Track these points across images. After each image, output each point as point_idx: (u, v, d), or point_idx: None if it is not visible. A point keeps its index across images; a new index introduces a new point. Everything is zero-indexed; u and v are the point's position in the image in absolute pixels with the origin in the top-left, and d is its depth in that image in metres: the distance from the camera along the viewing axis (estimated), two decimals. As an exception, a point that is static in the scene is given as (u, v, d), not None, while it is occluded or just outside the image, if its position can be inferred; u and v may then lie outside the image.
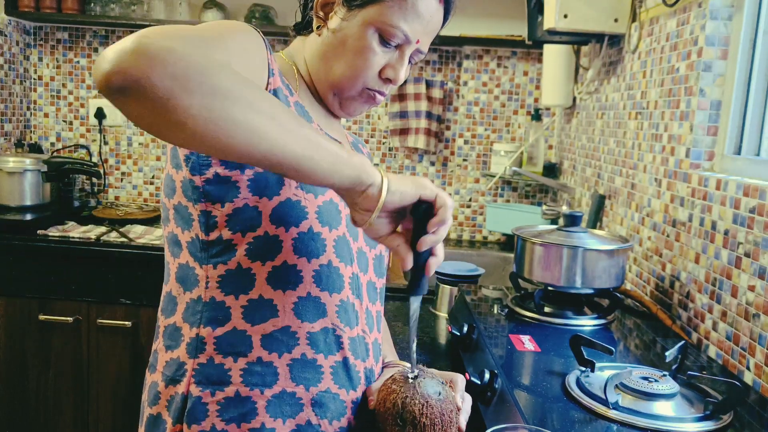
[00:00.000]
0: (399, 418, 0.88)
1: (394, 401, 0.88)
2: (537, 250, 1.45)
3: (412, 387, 0.88)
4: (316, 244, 0.87)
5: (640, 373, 1.02)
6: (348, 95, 0.94)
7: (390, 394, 0.89)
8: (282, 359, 0.86)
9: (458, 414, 0.91)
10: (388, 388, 0.90)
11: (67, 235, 2.26)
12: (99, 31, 2.77)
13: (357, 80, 0.92)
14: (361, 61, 0.90)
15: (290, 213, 0.85)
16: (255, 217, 0.84)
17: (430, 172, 2.83)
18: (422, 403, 0.87)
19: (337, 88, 0.94)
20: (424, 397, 0.87)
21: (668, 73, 1.56)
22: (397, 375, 0.91)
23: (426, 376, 0.90)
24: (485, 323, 1.37)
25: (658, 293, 1.55)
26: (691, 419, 0.94)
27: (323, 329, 0.89)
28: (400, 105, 2.73)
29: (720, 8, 1.38)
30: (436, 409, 0.87)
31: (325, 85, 0.95)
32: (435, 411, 0.87)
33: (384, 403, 0.89)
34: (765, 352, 1.12)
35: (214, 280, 0.86)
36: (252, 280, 0.86)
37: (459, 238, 2.78)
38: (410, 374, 0.90)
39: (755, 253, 1.16)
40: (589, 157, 2.16)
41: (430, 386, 0.89)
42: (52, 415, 2.28)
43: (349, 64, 0.91)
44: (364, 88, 0.93)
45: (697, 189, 1.39)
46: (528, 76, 2.69)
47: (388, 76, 0.92)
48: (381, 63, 0.91)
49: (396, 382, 0.90)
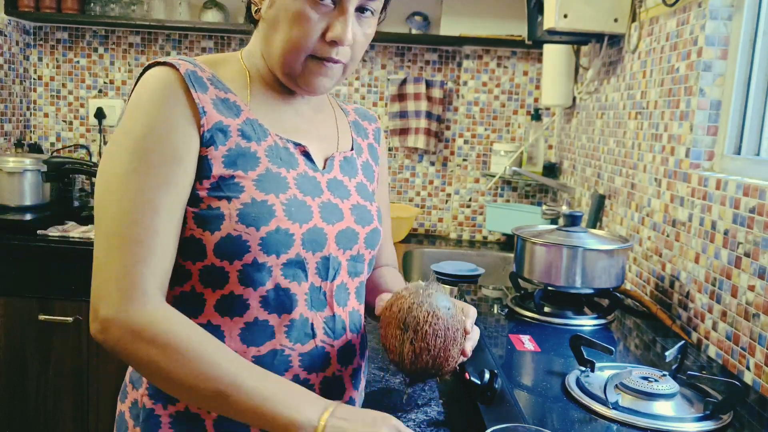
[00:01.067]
0: (402, 322, 0.86)
1: (400, 306, 0.87)
2: (537, 250, 1.45)
3: (421, 295, 0.87)
4: (261, 273, 0.85)
5: (639, 373, 1.02)
6: (296, 69, 0.88)
7: (398, 299, 0.88)
8: None
9: (465, 338, 0.89)
10: (398, 295, 0.89)
11: (67, 235, 2.26)
12: (99, 31, 2.77)
13: (298, 50, 0.86)
14: (297, 29, 0.85)
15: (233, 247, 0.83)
16: (202, 249, 0.84)
17: (430, 171, 2.83)
18: (429, 311, 0.85)
19: (284, 65, 0.88)
20: (432, 307, 0.85)
21: (668, 72, 1.56)
22: (411, 285, 0.90)
23: (439, 291, 0.88)
24: (485, 323, 1.37)
25: (657, 293, 1.55)
26: (691, 419, 0.94)
27: (270, 351, 0.87)
28: (400, 105, 2.73)
29: (720, 8, 1.38)
30: (442, 322, 0.85)
31: (276, 68, 0.90)
32: (440, 323, 0.85)
33: (390, 308, 0.88)
34: (765, 352, 1.12)
35: (168, 301, 0.85)
36: (203, 305, 0.86)
37: (459, 237, 2.78)
38: (423, 283, 0.88)
39: (755, 253, 1.16)
40: (589, 157, 2.16)
41: (440, 299, 0.87)
42: (52, 415, 2.28)
43: (286, 35, 0.86)
44: (309, 56, 0.87)
45: (696, 189, 1.39)
46: (528, 76, 2.69)
47: (332, 38, 0.85)
48: (321, 26, 0.85)
49: (407, 289, 0.89)
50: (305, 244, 0.88)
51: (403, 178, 2.84)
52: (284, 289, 0.87)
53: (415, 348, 0.85)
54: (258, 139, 0.88)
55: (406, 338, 0.85)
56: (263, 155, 0.88)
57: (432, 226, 2.87)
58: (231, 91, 0.90)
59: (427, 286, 0.88)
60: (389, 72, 2.79)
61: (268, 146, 0.89)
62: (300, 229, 0.87)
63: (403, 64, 2.78)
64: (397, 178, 2.84)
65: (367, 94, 2.80)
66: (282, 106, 0.95)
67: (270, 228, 0.84)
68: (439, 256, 2.40)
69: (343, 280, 0.95)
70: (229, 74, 0.92)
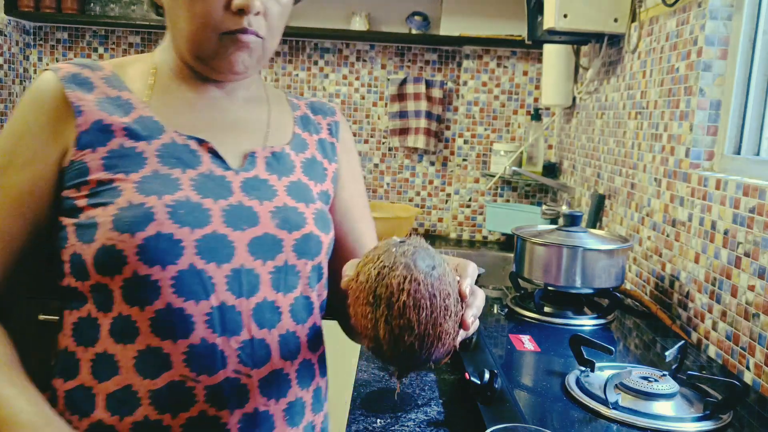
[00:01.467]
0: (372, 294, 0.63)
1: (368, 274, 0.64)
2: (537, 250, 1.45)
3: (394, 254, 0.64)
4: (146, 290, 0.75)
5: (639, 373, 1.02)
6: (207, 50, 0.81)
7: (366, 263, 0.65)
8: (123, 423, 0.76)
9: (462, 306, 0.66)
10: (366, 257, 0.66)
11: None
12: (99, 31, 2.77)
13: (206, 27, 0.79)
14: (199, 4, 0.79)
15: (110, 260, 0.75)
16: (83, 266, 0.77)
17: (429, 171, 2.83)
18: (405, 275, 0.62)
19: (194, 47, 0.82)
20: (409, 269, 0.62)
21: (668, 72, 1.56)
22: (381, 243, 0.68)
23: (419, 247, 0.66)
24: (485, 323, 1.37)
25: (657, 293, 1.55)
26: (691, 419, 0.94)
27: (169, 384, 0.75)
28: (400, 105, 2.73)
29: (719, 8, 1.38)
30: (425, 288, 0.62)
31: (186, 54, 0.83)
32: (423, 290, 0.62)
33: (357, 278, 0.65)
34: (765, 352, 1.12)
35: (69, 327, 0.80)
36: (98, 331, 0.78)
37: (459, 237, 2.78)
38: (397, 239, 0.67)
39: (755, 253, 1.16)
40: (589, 157, 2.16)
41: (421, 257, 0.64)
42: (52, 415, 2.28)
43: (188, 14, 0.79)
44: (220, 34, 0.80)
45: (696, 189, 1.39)
46: (528, 76, 2.69)
47: (238, 5, 0.78)
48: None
49: (377, 249, 0.66)
50: (202, 253, 0.76)
51: (402, 178, 2.84)
52: (177, 309, 0.75)
53: (393, 327, 0.62)
54: (149, 137, 0.80)
55: (380, 315, 0.62)
56: (152, 155, 0.79)
57: (432, 226, 2.87)
58: (127, 89, 0.84)
59: (401, 242, 0.66)
60: (389, 72, 2.79)
61: (162, 144, 0.80)
62: (191, 235, 0.75)
63: (403, 64, 2.78)
64: (397, 178, 2.84)
65: (367, 94, 2.80)
66: (193, 100, 0.86)
67: (148, 234, 0.74)
68: (439, 256, 2.40)
69: (267, 297, 0.80)
70: (136, 73, 0.86)
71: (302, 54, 2.78)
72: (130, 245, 0.74)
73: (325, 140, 0.97)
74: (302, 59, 2.78)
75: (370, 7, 2.74)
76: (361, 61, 2.78)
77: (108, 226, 0.74)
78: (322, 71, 2.78)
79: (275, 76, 2.78)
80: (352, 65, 2.78)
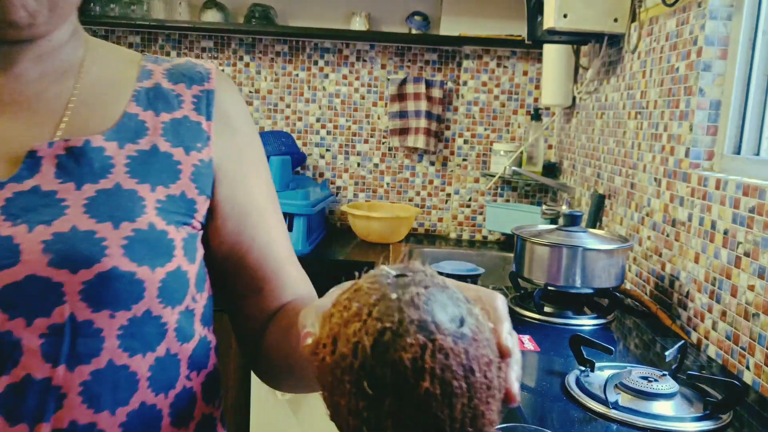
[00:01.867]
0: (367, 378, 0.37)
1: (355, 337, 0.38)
2: (537, 249, 1.45)
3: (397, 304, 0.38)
4: None
5: (639, 373, 1.02)
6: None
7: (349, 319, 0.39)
8: None
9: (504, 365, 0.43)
10: (342, 303, 0.41)
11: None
12: (99, 31, 2.77)
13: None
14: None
15: None
16: None
17: (429, 171, 2.83)
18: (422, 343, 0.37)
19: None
20: (427, 330, 0.37)
21: (668, 72, 1.56)
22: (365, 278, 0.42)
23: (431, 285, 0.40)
24: (485, 323, 1.37)
25: (657, 293, 1.55)
26: (691, 419, 0.94)
27: None
28: (400, 105, 2.73)
29: (719, 8, 1.38)
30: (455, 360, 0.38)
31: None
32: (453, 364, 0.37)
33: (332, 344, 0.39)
34: (765, 352, 1.12)
35: None
36: None
37: (459, 237, 2.78)
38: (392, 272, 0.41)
39: (755, 253, 1.16)
40: (589, 157, 2.16)
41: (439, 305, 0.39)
42: (52, 415, 2.28)
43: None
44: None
45: (696, 189, 1.39)
46: (528, 76, 2.69)
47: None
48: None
49: (359, 290, 0.40)
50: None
51: (402, 177, 2.84)
52: None
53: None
54: None
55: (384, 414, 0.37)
56: None
57: (432, 225, 2.87)
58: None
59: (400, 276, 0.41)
60: (389, 72, 2.79)
61: None
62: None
63: (402, 64, 2.78)
64: (397, 178, 2.84)
65: (367, 93, 2.80)
66: None
67: None
68: (439, 255, 2.40)
69: (32, 375, 0.53)
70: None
71: (302, 54, 2.78)
72: None
73: (186, 119, 0.66)
74: (302, 59, 2.78)
75: (370, 7, 2.74)
76: (361, 61, 2.78)
77: None
78: (322, 71, 2.78)
79: (275, 76, 2.78)
80: (352, 65, 2.78)
